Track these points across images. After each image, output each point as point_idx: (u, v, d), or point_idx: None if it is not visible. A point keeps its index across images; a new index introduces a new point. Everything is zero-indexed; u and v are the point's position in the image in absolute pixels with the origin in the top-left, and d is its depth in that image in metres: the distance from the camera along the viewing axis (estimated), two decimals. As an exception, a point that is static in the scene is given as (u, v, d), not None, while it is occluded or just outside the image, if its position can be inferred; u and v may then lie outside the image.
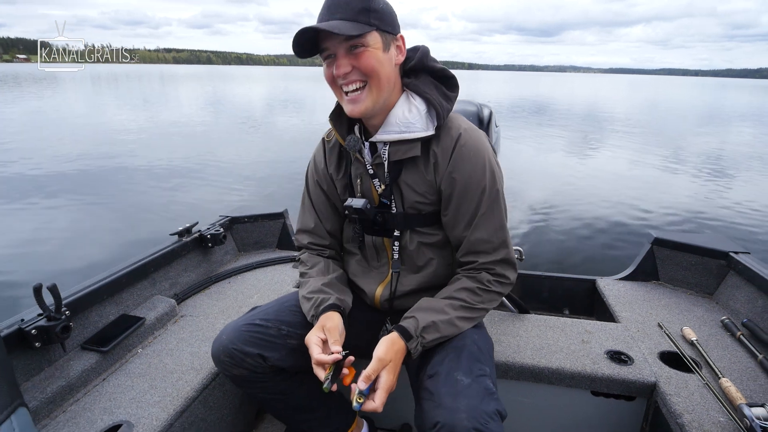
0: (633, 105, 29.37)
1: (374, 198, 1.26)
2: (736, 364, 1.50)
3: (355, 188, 1.28)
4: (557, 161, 8.89)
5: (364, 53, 1.07)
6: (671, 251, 2.08)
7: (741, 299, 1.82)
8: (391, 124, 1.17)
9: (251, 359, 1.19)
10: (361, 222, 1.29)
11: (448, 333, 1.15)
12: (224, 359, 1.20)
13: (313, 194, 1.38)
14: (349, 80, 1.09)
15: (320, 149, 1.37)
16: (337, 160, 1.32)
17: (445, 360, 1.11)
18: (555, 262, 4.09)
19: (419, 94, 1.18)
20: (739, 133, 14.73)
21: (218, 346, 1.22)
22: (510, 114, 19.21)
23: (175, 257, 2.00)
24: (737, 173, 8.00)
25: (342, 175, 1.32)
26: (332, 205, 1.38)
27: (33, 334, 1.31)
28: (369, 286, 1.36)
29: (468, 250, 1.21)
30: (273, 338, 1.23)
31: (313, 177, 1.38)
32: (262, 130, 12.95)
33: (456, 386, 1.02)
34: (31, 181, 6.70)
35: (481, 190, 1.17)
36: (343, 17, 1.04)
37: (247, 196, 6.25)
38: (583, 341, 1.62)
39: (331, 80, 1.13)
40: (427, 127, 1.17)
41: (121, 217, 5.29)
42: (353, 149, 1.22)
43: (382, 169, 1.22)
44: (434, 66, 1.21)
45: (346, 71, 1.08)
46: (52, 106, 20.13)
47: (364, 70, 1.08)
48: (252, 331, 1.22)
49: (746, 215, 5.48)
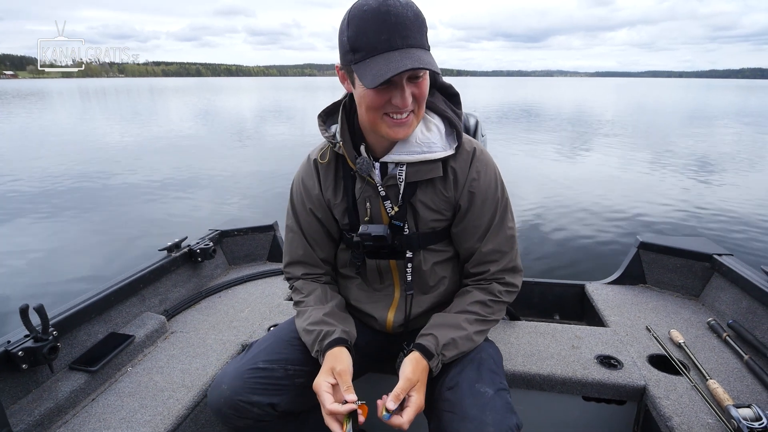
0: (620, 108, 29.72)
1: (384, 220, 1.19)
2: (723, 366, 1.52)
3: (362, 212, 1.20)
4: (545, 166, 8.95)
5: (424, 81, 1.01)
6: (657, 255, 2.11)
7: (726, 300, 1.84)
8: (411, 144, 1.11)
9: (259, 409, 1.10)
10: (371, 248, 1.21)
11: (466, 348, 1.14)
12: (227, 412, 1.09)
13: (303, 222, 1.28)
14: (407, 109, 1.02)
15: (310, 171, 1.25)
16: (333, 182, 1.23)
17: (465, 371, 1.10)
18: (545, 267, 4.12)
19: (436, 112, 1.15)
20: (723, 133, 14.95)
21: (218, 397, 1.10)
22: (499, 119, 19.35)
23: (164, 273, 1.99)
24: (721, 174, 8.10)
25: (341, 199, 1.22)
26: (326, 232, 1.29)
27: (20, 356, 1.30)
28: (378, 312, 1.30)
29: (480, 260, 1.20)
30: (280, 381, 1.14)
31: (303, 204, 1.27)
32: (252, 142, 12.92)
33: (481, 398, 1.02)
34: (16, 197, 6.63)
35: (495, 202, 1.18)
36: (417, 44, 0.95)
37: (237, 208, 6.22)
38: (573, 347, 1.64)
39: (379, 105, 1.01)
40: (446, 147, 1.13)
41: (109, 233, 5.24)
42: (365, 172, 1.14)
43: (394, 191, 1.16)
44: (444, 83, 1.19)
45: (410, 101, 1.00)
46: (40, 122, 19.97)
47: (420, 99, 1.03)
48: (257, 377, 1.12)
49: (730, 216, 5.55)
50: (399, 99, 0.99)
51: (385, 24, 0.92)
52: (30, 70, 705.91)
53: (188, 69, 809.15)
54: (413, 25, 0.94)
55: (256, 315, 1.92)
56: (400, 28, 0.93)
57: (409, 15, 0.93)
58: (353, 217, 1.22)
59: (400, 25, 0.92)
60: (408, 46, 0.94)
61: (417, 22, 0.95)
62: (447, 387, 1.08)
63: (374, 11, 0.92)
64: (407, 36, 0.93)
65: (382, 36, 0.93)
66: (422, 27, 0.96)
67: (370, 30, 0.93)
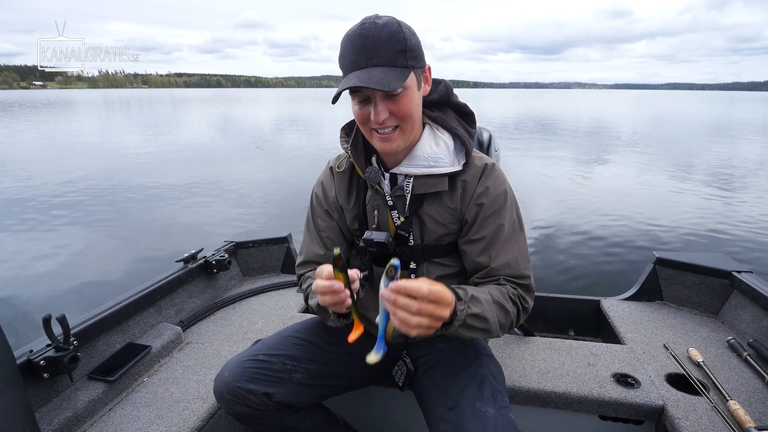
0: (638, 120, 29.35)
1: (390, 230, 1.22)
2: (744, 386, 1.48)
3: (371, 220, 1.24)
4: (561, 179, 8.86)
5: (403, 99, 1.03)
6: (674, 271, 2.07)
7: (746, 319, 1.80)
8: (418, 158, 1.15)
9: (255, 397, 1.17)
10: (376, 255, 1.23)
11: (488, 317, 1.01)
12: (227, 397, 1.18)
13: (320, 223, 1.32)
14: (385, 125, 1.05)
15: (329, 177, 1.32)
16: (347, 189, 1.28)
17: (466, 390, 1.09)
18: (559, 282, 4.06)
19: (447, 129, 1.18)
20: (748, 146, 14.65)
21: (220, 383, 1.19)
22: (515, 131, 19.27)
23: (180, 284, 2.02)
24: (740, 189, 7.91)
25: (353, 205, 1.27)
26: (340, 234, 1.32)
27: (41, 365, 1.33)
28: None
29: (488, 275, 1.17)
30: (278, 373, 1.21)
31: (321, 205, 1.32)
32: (269, 153, 13.08)
33: (483, 419, 1.01)
34: (40, 205, 6.79)
35: (503, 216, 1.17)
36: (382, 62, 0.99)
37: (253, 219, 6.29)
38: (589, 364, 1.61)
39: (363, 120, 1.08)
40: (454, 162, 1.16)
41: (129, 241, 5.35)
42: (374, 181, 1.19)
43: (402, 201, 1.19)
44: (457, 102, 1.22)
45: (385, 117, 1.03)
46: (64, 131, 20.51)
47: (401, 116, 1.05)
48: (255, 367, 1.20)
49: (749, 232, 5.41)
50: (373, 115, 1.04)
51: (354, 46, 0.99)
52: (58, 80, 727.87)
53: (209, 80, 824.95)
54: (384, 46, 0.98)
55: (270, 326, 1.94)
56: (367, 49, 0.98)
57: (382, 36, 0.98)
58: (363, 223, 1.26)
59: (368, 46, 0.98)
60: (372, 65, 0.99)
61: (390, 42, 0.98)
62: (448, 407, 1.07)
63: (351, 35, 1.00)
64: (373, 56, 0.98)
65: (352, 57, 1.00)
66: (396, 46, 0.99)
67: (346, 52, 1.02)
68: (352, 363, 1.33)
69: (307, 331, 1.36)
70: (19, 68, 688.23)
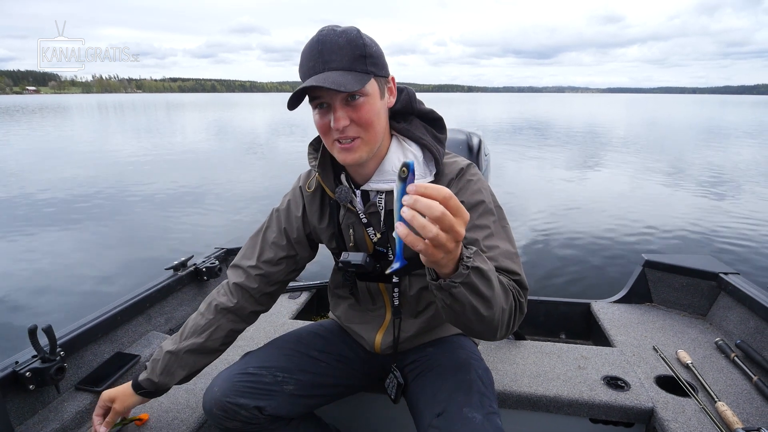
0: (631, 123, 29.57)
1: (368, 246, 1.19)
2: (732, 387, 1.49)
3: (347, 238, 1.20)
4: (551, 182, 8.90)
5: (364, 105, 0.99)
6: (663, 273, 2.09)
7: (733, 320, 1.82)
8: (387, 173, 1.10)
9: (246, 411, 1.15)
10: (352, 273, 1.22)
11: (493, 280, 0.86)
12: (217, 413, 1.16)
13: (270, 235, 1.29)
14: (345, 134, 1.00)
15: (297, 197, 1.29)
16: (319, 209, 1.25)
17: (454, 395, 1.09)
18: (550, 285, 4.07)
19: (413, 140, 1.13)
20: (738, 149, 14.77)
21: (210, 398, 1.17)
22: (508, 135, 19.35)
23: (170, 292, 2.01)
24: (729, 192, 7.97)
25: (327, 224, 1.24)
26: (285, 257, 1.28)
27: (27, 376, 1.31)
28: (368, 333, 1.31)
29: None
30: (268, 386, 1.20)
31: (279, 222, 1.29)
32: (261, 158, 13.02)
33: (470, 424, 1.00)
34: (30, 213, 6.73)
35: (486, 214, 1.08)
36: (340, 66, 0.96)
37: (244, 225, 6.26)
38: (579, 367, 1.62)
39: (325, 130, 1.03)
40: (425, 173, 1.11)
41: (118, 247, 5.30)
42: (345, 201, 1.14)
43: (377, 217, 1.15)
44: (422, 108, 1.17)
45: (345, 125, 0.99)
46: (56, 136, 20.38)
47: (362, 124, 1.00)
48: (246, 381, 1.18)
49: (737, 234, 5.45)
50: (332, 121, 0.99)
51: (312, 52, 0.97)
52: (51, 85, 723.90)
53: (204, 85, 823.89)
54: (342, 50, 0.96)
55: (261, 334, 1.93)
56: (325, 54, 0.96)
57: (340, 42, 0.96)
58: (339, 242, 1.22)
59: (326, 51, 0.96)
60: (329, 69, 0.96)
61: (348, 47, 0.96)
62: (436, 413, 1.07)
63: (310, 43, 0.98)
64: (330, 61, 0.96)
65: (310, 63, 0.98)
66: (355, 51, 0.96)
67: (304, 60, 0.99)
68: (344, 371, 1.33)
69: (297, 342, 1.35)
70: (12, 73, 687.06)
